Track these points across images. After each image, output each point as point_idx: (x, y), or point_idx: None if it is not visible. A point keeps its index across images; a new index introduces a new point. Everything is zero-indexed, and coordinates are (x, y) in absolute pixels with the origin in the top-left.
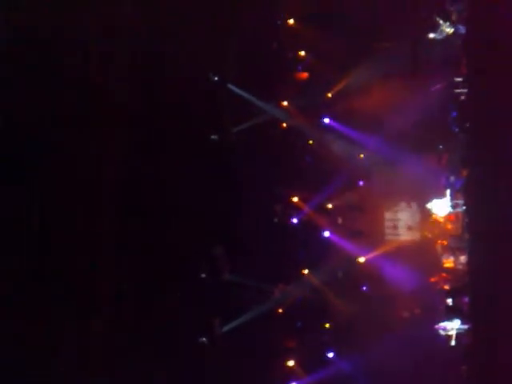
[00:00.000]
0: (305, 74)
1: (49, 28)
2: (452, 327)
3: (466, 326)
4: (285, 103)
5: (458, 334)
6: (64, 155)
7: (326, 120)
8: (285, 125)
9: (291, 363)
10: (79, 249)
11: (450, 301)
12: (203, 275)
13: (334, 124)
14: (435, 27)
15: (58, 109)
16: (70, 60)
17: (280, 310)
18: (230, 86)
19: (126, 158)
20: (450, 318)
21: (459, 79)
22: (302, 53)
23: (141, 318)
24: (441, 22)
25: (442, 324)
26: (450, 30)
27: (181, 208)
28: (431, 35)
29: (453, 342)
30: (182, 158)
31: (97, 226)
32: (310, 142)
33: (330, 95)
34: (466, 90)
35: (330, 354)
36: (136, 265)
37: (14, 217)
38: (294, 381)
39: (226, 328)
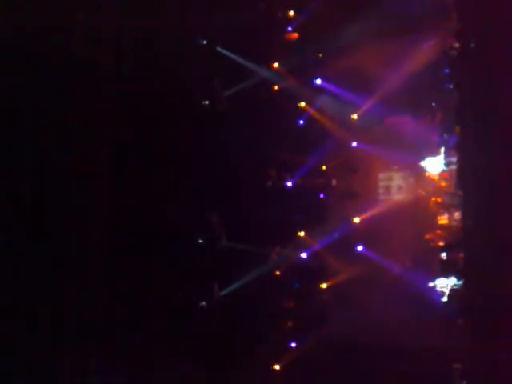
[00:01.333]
0: (295, 35)
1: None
2: (447, 283)
3: (460, 282)
4: (275, 65)
5: (452, 290)
6: (51, 127)
7: (318, 81)
8: (276, 87)
9: (290, 323)
10: (74, 221)
11: (444, 256)
12: (200, 241)
13: (326, 85)
14: None
15: (44, 87)
16: (55, 36)
17: (277, 273)
18: (219, 49)
19: (115, 128)
20: (444, 274)
21: (451, 36)
22: (291, 12)
23: (139, 286)
24: None
25: (437, 280)
26: None
27: (173, 176)
28: None
29: (445, 298)
30: (174, 126)
31: (91, 196)
32: (302, 103)
33: (320, 55)
34: (457, 46)
35: (328, 313)
36: (132, 234)
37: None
38: (294, 341)
39: (224, 292)
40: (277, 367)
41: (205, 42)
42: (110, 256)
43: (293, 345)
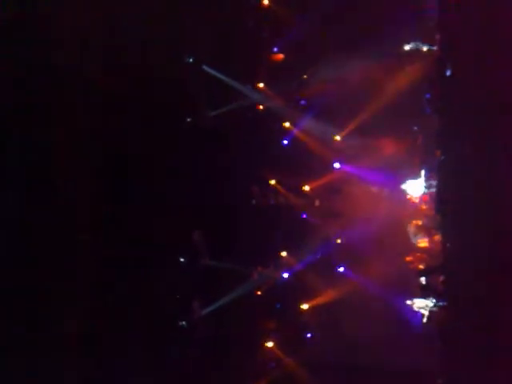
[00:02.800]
0: (280, 56)
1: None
2: (426, 304)
3: (440, 304)
4: (261, 85)
5: (431, 311)
6: (37, 139)
7: (302, 102)
8: (261, 107)
9: (270, 344)
10: (56, 235)
11: (423, 280)
12: (182, 260)
13: (310, 106)
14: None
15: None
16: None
17: (259, 293)
18: (205, 68)
19: (99, 143)
20: (424, 296)
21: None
22: (278, 34)
23: (120, 304)
24: None
25: (416, 301)
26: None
27: (157, 193)
28: None
29: (425, 319)
30: (158, 143)
31: (74, 212)
32: (287, 123)
33: (305, 77)
34: (438, 71)
35: (309, 335)
36: (114, 251)
37: None
38: (273, 362)
39: (205, 311)
40: None
41: (191, 60)
42: (92, 274)
43: (273, 365)
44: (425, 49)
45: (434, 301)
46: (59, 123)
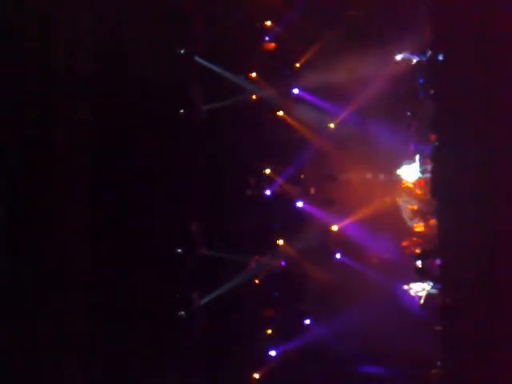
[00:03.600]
0: (272, 45)
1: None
2: (423, 288)
3: (436, 287)
4: (253, 75)
5: (428, 295)
6: (30, 138)
7: (295, 91)
8: (254, 96)
9: (270, 332)
10: (51, 226)
11: (419, 263)
12: (179, 250)
13: (303, 94)
14: None
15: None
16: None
17: (256, 281)
18: (197, 59)
19: (93, 136)
20: (421, 280)
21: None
22: (269, 23)
23: (118, 295)
24: None
25: (413, 285)
26: None
27: (153, 184)
28: None
29: (422, 301)
30: (152, 134)
31: (69, 204)
32: (280, 112)
33: (298, 65)
34: (430, 55)
35: (307, 321)
36: (111, 242)
37: None
38: (273, 349)
39: (204, 301)
40: (256, 376)
41: (182, 52)
42: (89, 266)
43: (272, 353)
44: (414, 60)
45: (431, 284)
46: (52, 118)
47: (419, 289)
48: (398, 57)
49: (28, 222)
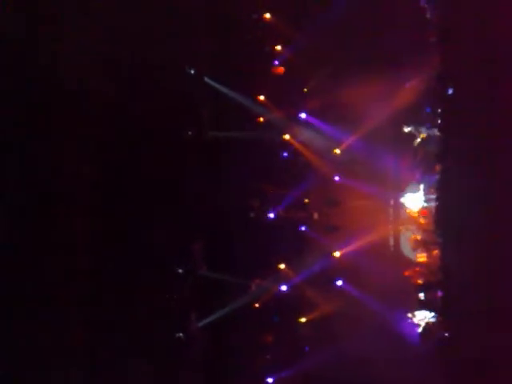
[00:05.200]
0: (281, 69)
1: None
2: (424, 316)
3: (437, 318)
4: (261, 98)
5: (428, 324)
6: (37, 152)
7: (303, 115)
8: (261, 119)
9: (268, 357)
10: (51, 243)
11: (422, 295)
12: (180, 270)
13: (310, 119)
14: None
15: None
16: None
17: (257, 305)
18: (207, 80)
19: (101, 153)
20: (422, 310)
21: (433, 77)
22: (279, 47)
23: (117, 315)
24: None
25: (415, 314)
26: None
27: (157, 203)
28: None
29: (421, 331)
30: (159, 154)
31: (72, 221)
32: (287, 136)
33: (306, 90)
34: (438, 88)
35: (306, 348)
36: (112, 261)
37: None
38: (271, 375)
39: (202, 323)
40: None
41: (192, 72)
42: (89, 285)
43: (270, 380)
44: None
45: (432, 314)
46: (61, 132)
47: (420, 317)
48: (406, 129)
49: (28, 234)
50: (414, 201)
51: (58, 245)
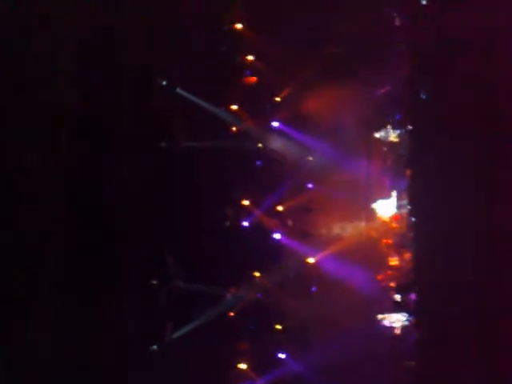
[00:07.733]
0: (253, 78)
1: None
2: (398, 319)
3: (412, 320)
4: (234, 107)
5: (403, 326)
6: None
7: (275, 123)
8: (234, 128)
9: (244, 366)
10: (22, 253)
11: (398, 297)
12: (154, 282)
13: (283, 127)
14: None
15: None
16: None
17: (232, 314)
18: (179, 91)
19: (70, 164)
20: (396, 312)
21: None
22: (250, 57)
23: (89, 326)
24: None
25: (389, 316)
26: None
27: (130, 214)
28: None
29: (397, 333)
30: (130, 165)
31: (42, 231)
32: (260, 145)
33: (278, 99)
34: (410, 92)
35: (282, 356)
36: (84, 272)
37: None
38: (246, 383)
39: (177, 334)
40: None
41: (164, 83)
42: (63, 294)
43: None
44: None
45: (407, 316)
46: (34, 146)
47: (394, 319)
48: (377, 134)
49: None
50: (386, 207)
51: (28, 257)
